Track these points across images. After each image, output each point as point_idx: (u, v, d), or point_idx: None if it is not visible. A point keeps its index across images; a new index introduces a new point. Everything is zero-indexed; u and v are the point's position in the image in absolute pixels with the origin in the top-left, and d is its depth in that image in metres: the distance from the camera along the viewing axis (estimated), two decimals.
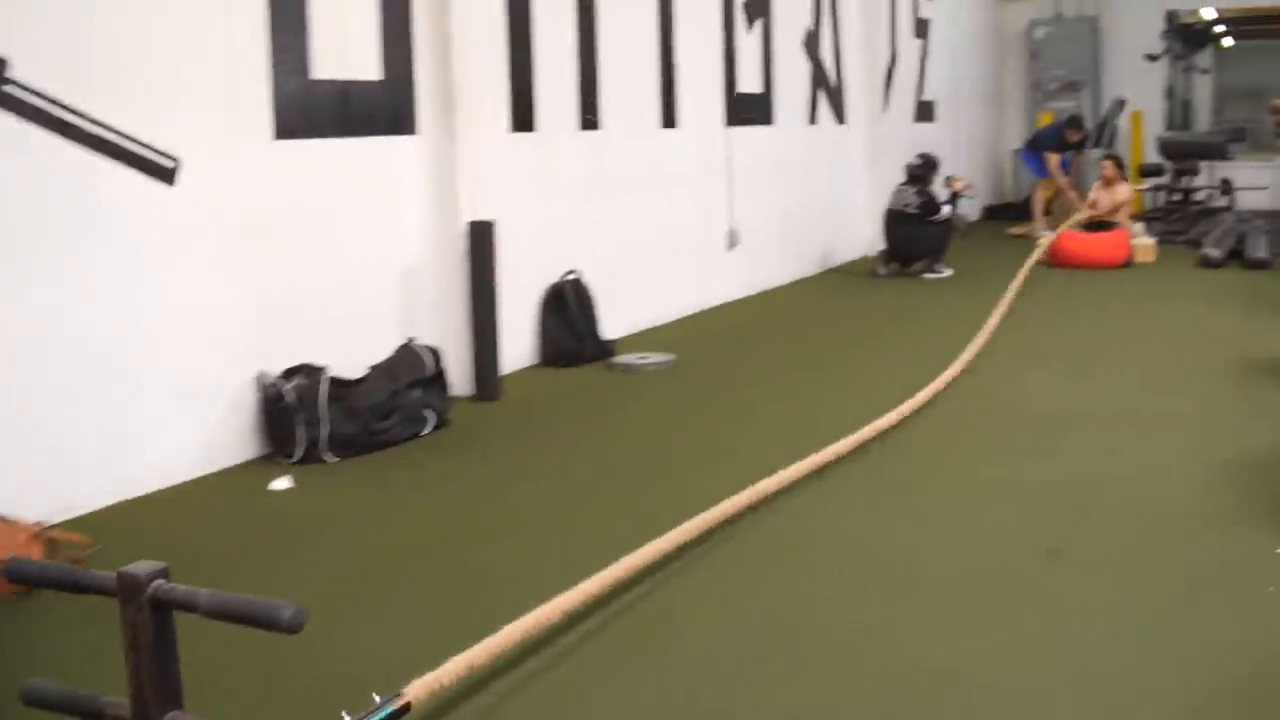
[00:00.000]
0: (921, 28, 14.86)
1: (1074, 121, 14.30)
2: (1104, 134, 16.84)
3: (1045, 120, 16.31)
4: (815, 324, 9.30)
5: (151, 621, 2.06)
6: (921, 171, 11.55)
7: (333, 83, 6.13)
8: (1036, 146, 14.71)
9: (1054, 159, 14.36)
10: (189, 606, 2.08)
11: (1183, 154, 14.04)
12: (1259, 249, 11.32)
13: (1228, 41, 26.57)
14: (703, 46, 9.73)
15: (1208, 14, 17.76)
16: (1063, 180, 14.48)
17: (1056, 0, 18.37)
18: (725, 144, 10.09)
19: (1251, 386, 6.64)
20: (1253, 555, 4.19)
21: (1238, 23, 18.43)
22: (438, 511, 5.00)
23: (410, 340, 6.29)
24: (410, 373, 6.08)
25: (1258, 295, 9.80)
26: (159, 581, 2.07)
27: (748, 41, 10.44)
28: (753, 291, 10.53)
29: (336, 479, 5.43)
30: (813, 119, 11.82)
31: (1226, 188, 16.15)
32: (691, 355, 7.90)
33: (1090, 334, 8.39)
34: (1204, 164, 15.93)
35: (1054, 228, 14.23)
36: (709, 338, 8.69)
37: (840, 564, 4.28)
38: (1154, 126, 17.50)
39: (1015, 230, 15.01)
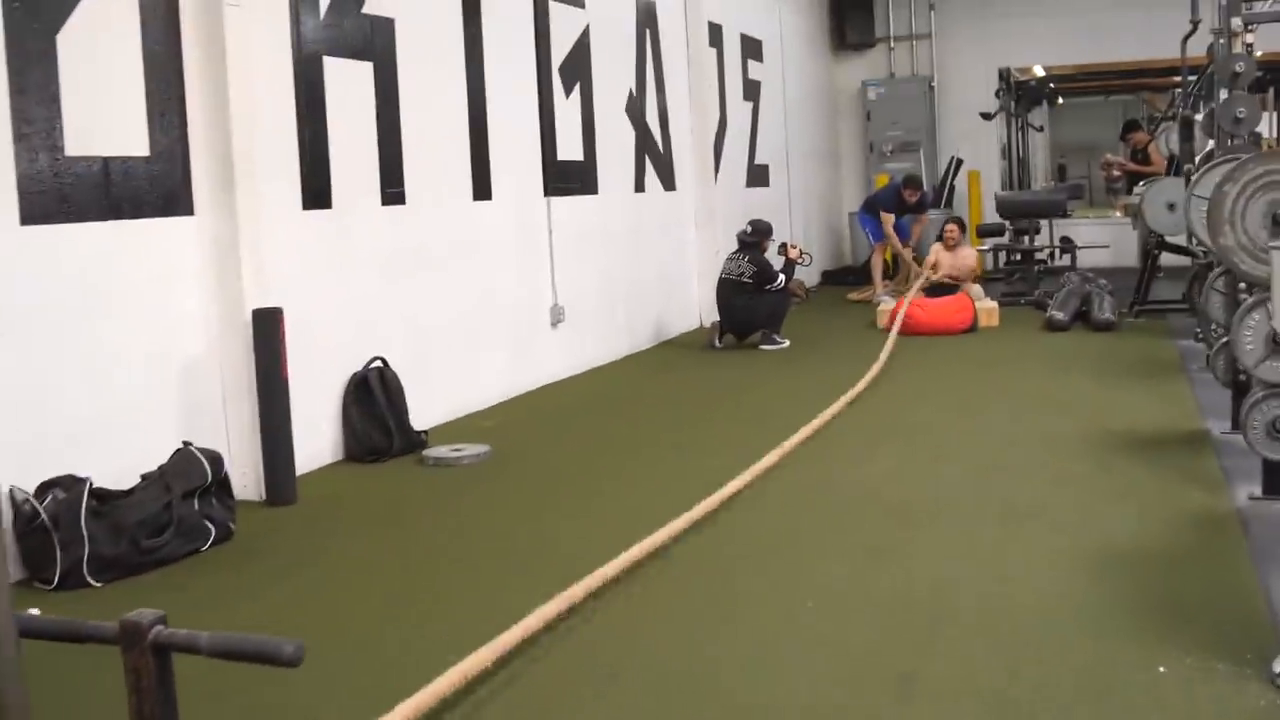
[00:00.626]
0: (751, 90, 14.96)
1: (911, 181, 14.49)
2: (943, 194, 17.15)
3: (882, 182, 16.53)
4: (644, 403, 9.10)
5: (154, 665, 2.23)
6: (753, 239, 11.51)
7: (91, 159, 5.73)
8: (872, 209, 14.86)
9: (889, 220, 14.50)
10: (191, 649, 2.23)
11: (1022, 213, 14.31)
12: (1104, 310, 11.51)
13: (1060, 100, 27.60)
14: (517, 113, 9.55)
15: (1039, 71, 18.29)
16: (898, 243, 14.63)
17: (889, 60, 18.74)
18: (546, 215, 9.89)
19: (1110, 461, 6.57)
20: (1129, 673, 3.85)
21: (1067, 79, 19.01)
22: None
23: (187, 444, 5.88)
24: (187, 480, 5.66)
25: (1106, 359, 9.91)
26: (159, 627, 2.23)
27: (567, 108, 10.30)
28: (580, 369, 10.30)
29: (98, 606, 4.98)
30: (639, 186, 11.71)
31: (1068, 246, 16.53)
32: (511, 444, 7.62)
33: (938, 407, 8.32)
34: (1045, 222, 16.33)
35: (895, 292, 14.39)
36: (531, 423, 8.42)
37: (649, 707, 3.90)
38: (992, 185, 17.90)
39: (854, 296, 15.10)
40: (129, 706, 2.30)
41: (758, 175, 15.07)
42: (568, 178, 10.29)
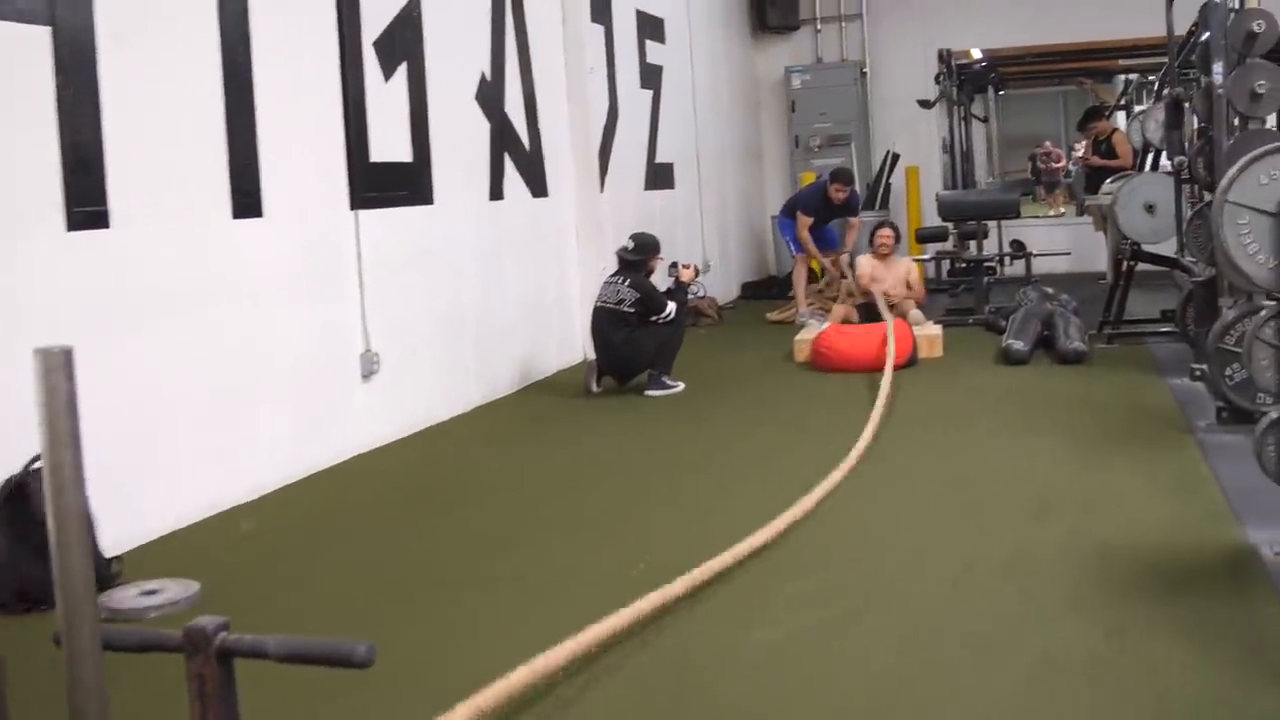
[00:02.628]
0: (651, 76, 12.51)
1: (839, 175, 12.06)
2: (878, 193, 14.80)
3: (808, 180, 14.08)
4: (464, 491, 6.58)
5: (218, 672, 2.17)
6: (636, 258, 9.07)
7: None
8: (793, 212, 12.44)
9: (804, 224, 12.06)
10: (258, 654, 2.17)
11: (968, 214, 11.94)
12: (1071, 337, 9.14)
13: (1004, 91, 25.35)
14: (307, 100, 7.06)
15: (978, 54, 15.96)
16: (815, 251, 12.21)
17: (816, 44, 16.36)
18: (352, 233, 7.41)
19: (1118, 617, 4.13)
20: None
21: (1013, 61, 16.70)
22: None
23: None
24: None
25: (1082, 408, 7.54)
26: (224, 633, 2.17)
27: (386, 94, 7.81)
28: (407, 432, 7.83)
29: None
30: (497, 193, 9.23)
31: (1021, 253, 14.23)
32: (247, 569, 5.15)
33: (856, 503, 5.82)
34: (995, 224, 14.02)
35: (822, 310, 12.00)
36: (301, 526, 5.92)
37: None
38: (933, 183, 15.57)
39: (775, 315, 12.69)
40: (191, 714, 2.17)
41: (660, 176, 12.63)
42: (386, 184, 7.81)
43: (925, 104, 14.42)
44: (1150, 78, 19.04)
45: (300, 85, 7.00)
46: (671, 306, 8.90)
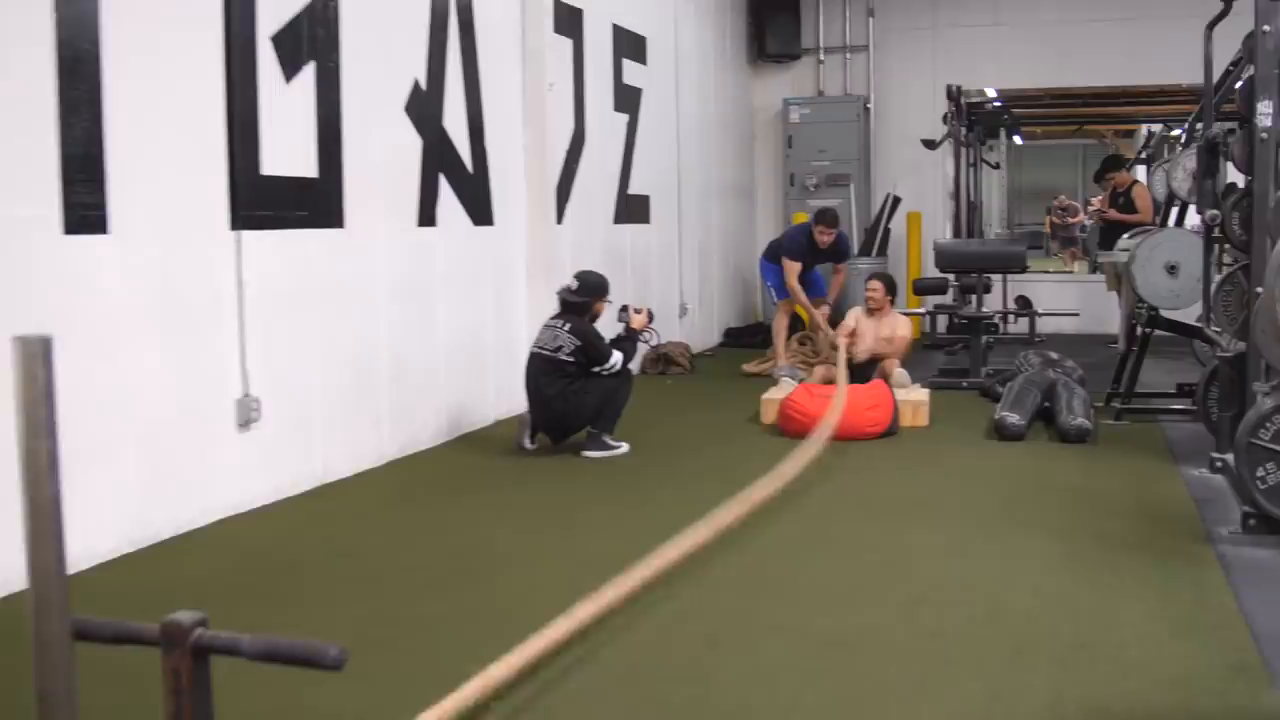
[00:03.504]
0: (627, 99, 11.39)
1: (824, 217, 10.90)
2: (875, 238, 13.66)
3: (799, 221, 12.93)
4: (335, 567, 5.43)
5: (193, 667, 2.13)
6: (580, 299, 7.92)
7: None
8: (776, 255, 11.29)
9: (792, 270, 10.94)
10: (233, 651, 2.12)
11: (969, 266, 10.78)
12: (1075, 412, 7.95)
13: (1019, 139, 24.24)
14: (175, 98, 5.94)
15: (991, 93, 14.85)
16: (803, 298, 11.07)
17: (818, 75, 15.24)
18: (233, 259, 6.28)
19: None
20: None
21: (1029, 103, 15.59)
22: None
23: None
24: None
25: (1084, 504, 6.35)
26: (201, 629, 2.12)
27: (286, 97, 6.69)
28: (297, 489, 6.68)
29: None
30: (427, 218, 8.10)
31: (1026, 310, 13.08)
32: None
33: (796, 633, 4.63)
34: (999, 278, 12.89)
35: (803, 364, 10.85)
36: (106, 607, 4.75)
37: None
38: (936, 231, 14.44)
39: (751, 367, 11.52)
40: (165, 709, 2.12)
41: (633, 209, 11.50)
42: (281, 202, 6.68)
43: (930, 144, 13.27)
44: (1174, 130, 17.95)
45: (169, 81, 5.88)
46: (617, 357, 7.76)
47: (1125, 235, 9.36)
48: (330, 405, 7.05)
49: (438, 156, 8.18)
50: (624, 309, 8.10)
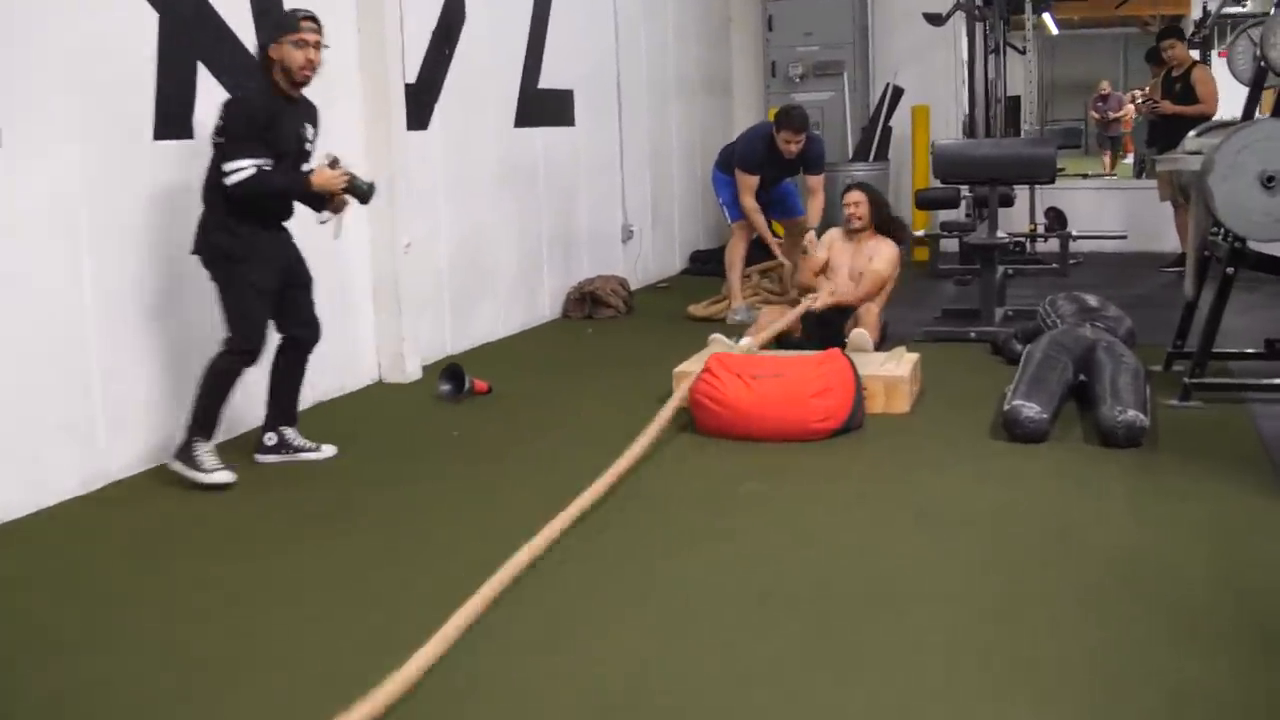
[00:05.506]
0: None
1: (788, 119, 8.09)
2: (873, 141, 10.85)
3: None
4: None
5: None
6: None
7: None
8: (730, 165, 8.52)
9: (746, 183, 8.20)
10: None
11: (975, 174, 7.97)
12: (1121, 397, 5.19)
13: (1053, 25, 21.04)
14: None
15: None
16: (762, 225, 8.34)
17: None
18: None
19: None
20: None
21: None
22: None
23: None
24: None
25: (1141, 576, 3.62)
26: None
27: None
28: None
29: None
30: (177, 127, 5.39)
31: (1057, 224, 10.29)
32: None
33: None
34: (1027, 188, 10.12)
35: (763, 302, 8.18)
36: None
37: None
38: (952, 130, 11.61)
39: (699, 309, 8.78)
40: None
41: (546, 108, 8.73)
42: None
43: (934, 19, 10.37)
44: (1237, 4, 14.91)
45: None
46: (244, 169, 4.71)
47: (1192, 133, 6.52)
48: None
49: (189, 40, 5.45)
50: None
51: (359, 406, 6.45)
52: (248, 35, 5.73)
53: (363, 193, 5.02)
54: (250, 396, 5.30)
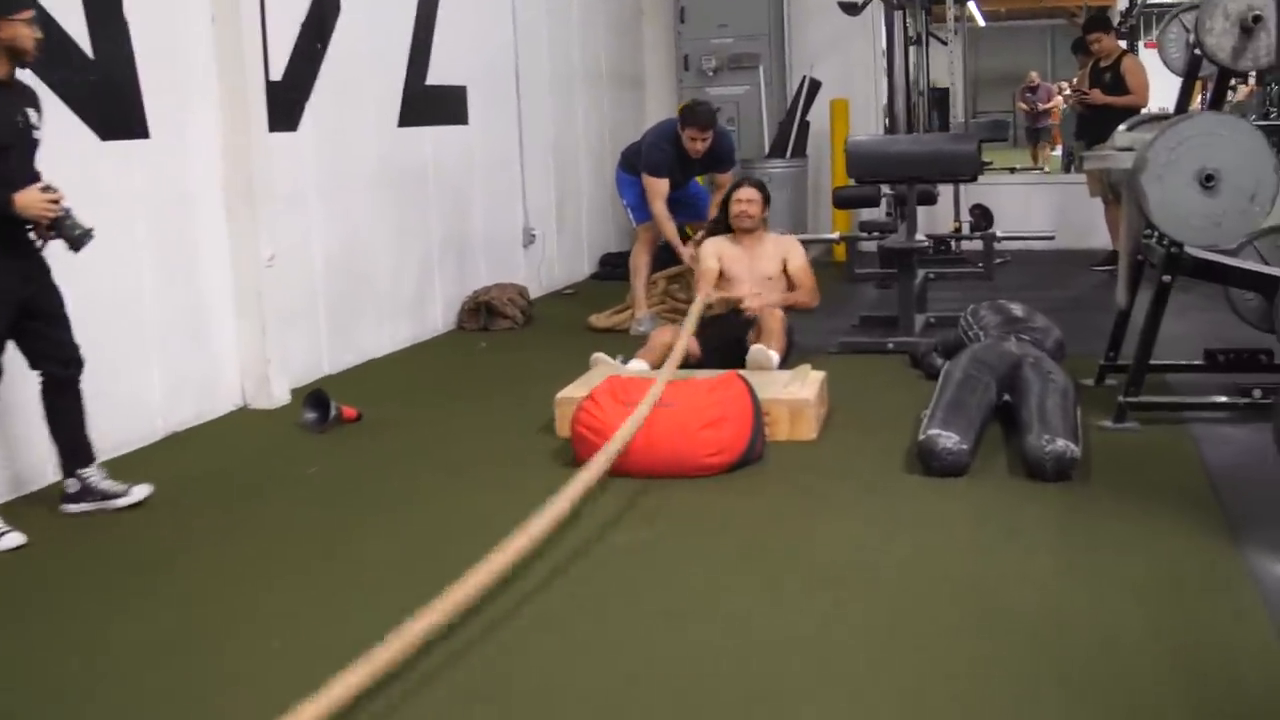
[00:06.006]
0: None
1: (693, 115, 7.48)
2: (790, 135, 10.29)
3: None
4: None
5: None
6: None
7: None
8: (634, 165, 7.91)
9: (656, 188, 7.60)
10: None
11: (890, 172, 7.39)
12: (1052, 422, 4.60)
13: (980, 17, 20.61)
14: None
15: None
16: (670, 230, 7.73)
17: None
18: None
19: None
20: None
21: None
22: None
23: None
24: None
25: (1085, 687, 3.02)
26: None
27: None
28: None
29: None
30: None
31: (983, 222, 9.79)
32: None
33: None
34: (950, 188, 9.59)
35: (679, 311, 7.59)
36: None
37: None
38: (872, 124, 11.07)
39: (601, 320, 8.15)
40: None
41: (434, 106, 8.05)
42: None
43: (850, 8, 9.79)
44: None
45: None
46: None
47: (1122, 126, 5.97)
48: None
49: None
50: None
51: (212, 438, 5.77)
52: (77, 29, 5.06)
53: (73, 238, 4.19)
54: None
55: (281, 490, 4.90)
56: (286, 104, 6.55)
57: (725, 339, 6.21)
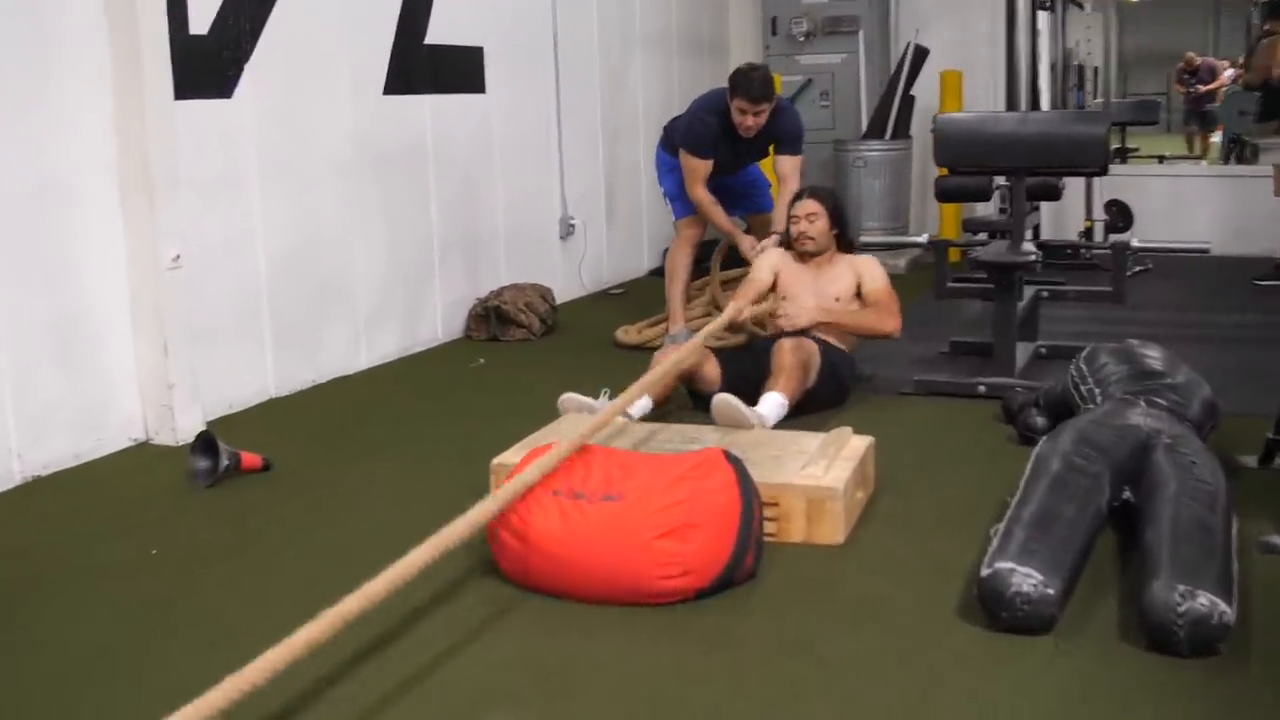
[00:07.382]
0: None
1: (748, 84, 5.82)
2: (890, 113, 8.65)
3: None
4: None
5: None
6: None
7: None
8: (675, 145, 6.33)
9: (695, 169, 6.03)
10: None
11: (985, 160, 5.69)
12: (1189, 562, 2.96)
13: None
14: None
15: None
16: (718, 217, 6.15)
17: None
18: None
19: None
20: None
21: None
22: None
23: None
24: None
25: None
26: None
27: None
28: None
29: None
30: None
31: (1119, 221, 8.06)
32: None
33: None
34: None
35: (703, 329, 5.97)
36: None
37: None
38: (989, 100, 9.37)
39: (629, 335, 6.60)
40: None
41: (440, 71, 6.59)
42: None
43: None
44: None
45: None
46: None
47: None
48: None
49: None
50: None
51: (80, 486, 4.45)
52: None
53: None
54: None
55: (84, 583, 3.50)
56: (215, 64, 5.17)
57: (748, 374, 4.71)
